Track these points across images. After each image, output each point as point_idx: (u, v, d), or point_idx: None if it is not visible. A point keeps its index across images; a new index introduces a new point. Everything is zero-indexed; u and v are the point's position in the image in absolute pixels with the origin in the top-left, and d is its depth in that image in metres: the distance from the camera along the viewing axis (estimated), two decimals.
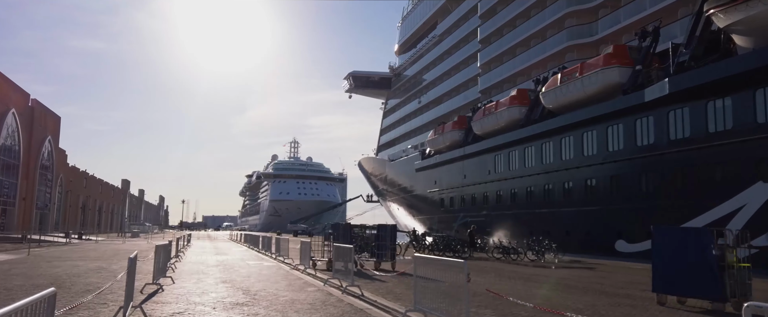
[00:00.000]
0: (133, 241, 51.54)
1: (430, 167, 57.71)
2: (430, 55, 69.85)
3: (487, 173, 45.77)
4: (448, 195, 53.60)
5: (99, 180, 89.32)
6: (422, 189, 60.48)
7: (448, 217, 53.66)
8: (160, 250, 14.33)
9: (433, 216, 57.97)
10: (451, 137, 51.95)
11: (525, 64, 46.16)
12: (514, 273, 19.12)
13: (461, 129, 51.23)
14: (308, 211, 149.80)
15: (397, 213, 75.77)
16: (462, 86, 60.32)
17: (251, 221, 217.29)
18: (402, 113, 79.21)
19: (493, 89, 52.02)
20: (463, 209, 50.39)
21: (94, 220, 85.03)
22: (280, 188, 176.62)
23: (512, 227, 40.68)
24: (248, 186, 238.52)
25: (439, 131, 54.79)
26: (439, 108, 65.76)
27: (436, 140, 55.29)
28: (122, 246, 38.41)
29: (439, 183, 55.75)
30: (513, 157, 42.06)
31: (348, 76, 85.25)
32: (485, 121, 44.95)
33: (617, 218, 30.40)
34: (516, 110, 41.13)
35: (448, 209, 53.74)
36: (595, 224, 32.23)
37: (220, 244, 46.05)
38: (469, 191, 48.93)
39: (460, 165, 50.46)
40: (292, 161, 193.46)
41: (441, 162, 54.48)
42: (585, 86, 32.39)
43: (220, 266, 20.55)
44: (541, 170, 37.97)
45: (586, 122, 32.75)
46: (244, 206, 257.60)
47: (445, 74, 64.82)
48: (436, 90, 66.87)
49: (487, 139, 45.62)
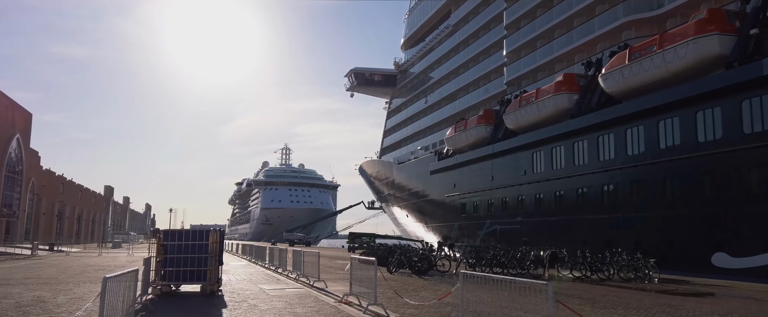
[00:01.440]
0: (112, 253, 44.73)
1: (448, 168, 51.48)
2: (442, 48, 63.80)
3: (522, 174, 39.61)
4: (471, 200, 47.37)
5: (78, 186, 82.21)
6: (438, 194, 54.22)
7: (471, 225, 47.41)
8: (129, 280, 7.99)
9: (451, 224, 51.67)
10: (476, 133, 45.77)
11: (566, 48, 40.13)
12: (642, 304, 12.83)
13: (488, 124, 45.09)
14: (301, 219, 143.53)
15: (404, 221, 69.40)
16: (482, 79, 54.26)
17: (241, 230, 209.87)
18: (409, 112, 73.02)
19: (524, 78, 45.96)
20: (490, 215, 44.19)
21: (73, 229, 77.85)
22: (272, 196, 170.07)
23: (556, 236, 34.54)
24: (238, 194, 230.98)
25: (460, 127, 48.61)
26: (454, 104, 59.64)
27: (456, 138, 49.10)
28: (95, 261, 31.74)
29: (459, 186, 49.51)
30: (558, 154, 35.93)
31: (349, 73, 79.02)
32: (522, 113, 38.83)
33: (715, 225, 24.28)
34: (564, 98, 35.03)
35: (470, 215, 47.48)
36: (680, 233, 26.03)
37: None
38: (498, 194, 42.73)
39: (487, 165, 44.28)
40: (284, 167, 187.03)
41: (462, 163, 48.27)
42: (669, 62, 26.31)
43: (227, 295, 14.05)
44: (598, 167, 31.84)
45: (666, 106, 26.67)
46: (234, 214, 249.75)
47: (461, 67, 58.75)
48: (451, 85, 60.76)
49: (523, 134, 39.53)
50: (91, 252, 43.84)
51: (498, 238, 42.44)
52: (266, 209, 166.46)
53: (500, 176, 42.59)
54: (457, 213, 50.23)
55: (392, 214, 77.06)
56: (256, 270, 24.03)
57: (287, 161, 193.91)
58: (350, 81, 79.57)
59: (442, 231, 55.48)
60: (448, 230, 53.30)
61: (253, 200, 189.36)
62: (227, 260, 33.23)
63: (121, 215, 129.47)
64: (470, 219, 47.69)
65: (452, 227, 51.48)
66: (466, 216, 48.43)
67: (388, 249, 28.11)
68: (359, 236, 55.43)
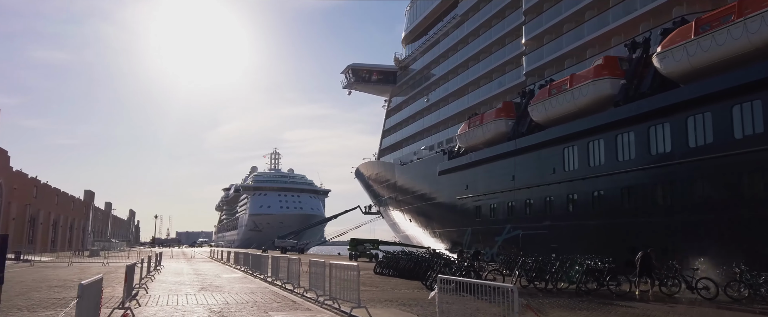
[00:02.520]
0: (85, 263, 39.56)
1: (460, 168, 46.94)
2: (449, 40, 59.37)
3: (551, 172, 35.15)
4: (488, 202, 42.84)
5: (55, 190, 76.49)
6: (448, 196, 49.65)
7: (487, 230, 42.87)
8: None
9: (462, 229, 47.12)
10: (495, 128, 41.26)
11: (601, 30, 35.74)
12: None
13: (508, 118, 40.62)
14: (291, 225, 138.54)
15: (406, 226, 64.74)
16: (496, 71, 49.85)
17: (228, 236, 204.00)
18: (411, 110, 68.48)
19: (548, 67, 41.57)
20: (510, 219, 39.68)
21: (48, 236, 72.17)
22: (261, 202, 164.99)
23: (594, 242, 30.13)
24: (225, 200, 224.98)
25: (475, 122, 44.10)
26: (463, 100, 55.18)
27: (470, 134, 44.56)
28: (58, 273, 26.68)
29: (472, 188, 44.97)
30: (596, 148, 31.50)
31: (346, 69, 74.32)
32: (553, 103, 34.38)
33: None
34: (605, 84, 30.59)
35: (487, 219, 42.94)
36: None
37: (201, 267, 34.53)
38: (521, 196, 38.23)
39: (508, 163, 39.81)
40: (273, 172, 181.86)
41: (478, 161, 43.75)
42: (752, 33, 21.94)
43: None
44: (650, 162, 27.43)
45: (746, 87, 22.33)
46: (221, 221, 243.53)
47: (470, 60, 54.31)
48: (459, 79, 56.30)
49: (553, 127, 35.11)
50: (61, 262, 38.63)
51: (520, 245, 37.95)
52: (255, 215, 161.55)
53: (523, 176, 38.11)
54: (470, 217, 45.69)
55: (391, 219, 72.39)
56: (257, 285, 19.20)
57: (276, 166, 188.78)
58: (348, 78, 74.87)
59: (450, 237, 50.92)
60: (458, 236, 48.73)
61: (241, 206, 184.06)
62: (217, 271, 28.33)
63: (102, 222, 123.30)
64: (486, 224, 43.16)
65: (464, 232, 46.91)
66: (482, 220, 43.90)
67: (414, 259, 23.46)
68: (362, 243, 50.71)
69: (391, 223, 73.33)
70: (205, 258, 53.29)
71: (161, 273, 26.31)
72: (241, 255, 33.42)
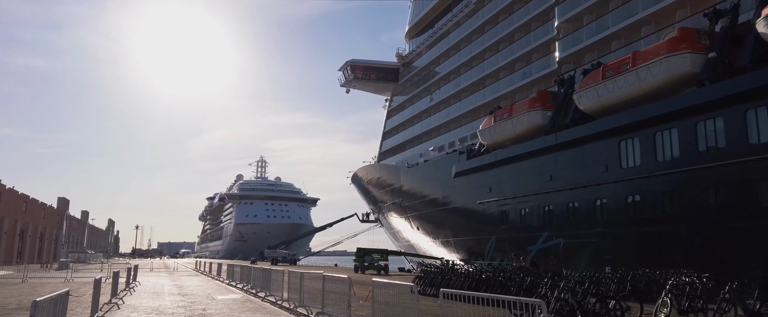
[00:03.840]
0: (46, 279, 33.19)
1: (482, 168, 41.37)
2: (461, 30, 53.99)
3: (602, 170, 29.72)
4: (517, 207, 37.31)
5: (23, 196, 69.63)
6: (465, 200, 44.06)
7: (516, 238, 37.32)
8: None
9: (484, 237, 41.51)
10: (528, 121, 35.77)
11: (660, 4, 30.43)
12: None
13: (545, 109, 35.18)
14: (279, 235, 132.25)
15: (410, 235, 59.00)
16: (520, 61, 44.49)
17: (212, 247, 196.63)
18: (416, 108, 62.97)
19: (588, 52, 36.21)
20: (548, 225, 34.17)
21: (13, 246, 65.29)
22: (247, 211, 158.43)
23: (665, 253, 24.74)
24: (209, 209, 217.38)
25: (502, 115, 38.60)
26: (479, 95, 49.77)
27: (495, 130, 39.05)
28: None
29: (498, 190, 39.42)
30: (665, 140, 26.11)
31: (345, 65, 68.64)
32: (608, 88, 28.92)
33: None
34: (683, 61, 25.22)
35: (516, 226, 37.40)
36: None
37: (187, 283, 28.45)
38: (563, 198, 32.67)
39: (545, 161, 34.34)
40: (260, 180, 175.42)
41: (506, 159, 38.21)
42: None
43: None
44: (749, 152, 22.07)
45: None
46: (204, 231, 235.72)
47: (488, 50, 48.96)
48: (474, 72, 50.91)
49: (605, 117, 29.74)
50: (14, 278, 32.19)
51: (561, 255, 32.45)
52: (240, 225, 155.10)
53: (565, 175, 32.61)
54: (493, 224, 40.11)
55: (392, 227, 66.66)
56: (265, 310, 13.30)
57: (263, 174, 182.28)
58: (346, 75, 69.17)
59: (467, 247, 45.35)
60: (478, 246, 43.14)
61: (226, 216, 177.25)
62: (209, 289, 21.91)
63: (78, 232, 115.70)
64: (515, 231, 37.61)
65: (486, 241, 41.27)
66: (509, 227, 38.35)
67: (480, 274, 17.73)
68: (369, 253, 44.87)
69: (392, 232, 67.56)
70: (190, 271, 47.03)
71: (135, 294, 20.28)
72: (237, 268, 27.42)
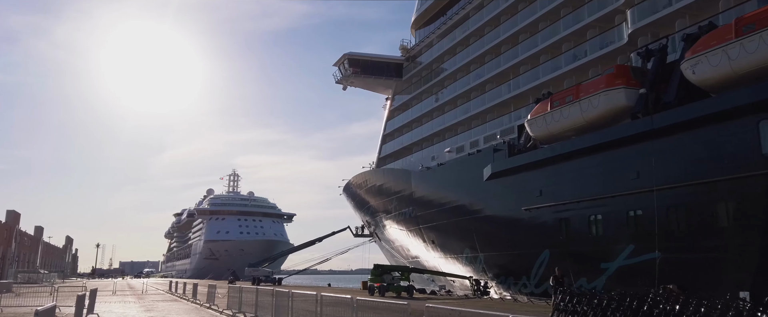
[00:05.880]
0: None
1: (528, 167, 33.83)
2: (485, 12, 46.72)
3: (721, 161, 22.49)
4: (583, 213, 29.82)
5: None
6: (504, 207, 36.43)
7: (582, 253, 29.84)
8: None
9: (532, 252, 33.94)
10: (607, 102, 28.20)
11: None
12: None
13: (629, 86, 27.85)
14: (253, 253, 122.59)
15: (420, 251, 50.93)
16: (567, 40, 37.36)
17: (179, 266, 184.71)
18: (425, 106, 55.41)
19: (678, 17, 29.06)
20: (633, 236, 26.77)
21: None
22: (218, 227, 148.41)
23: None
24: (177, 226, 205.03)
25: (563, 99, 31.16)
26: (510, 85, 42.50)
27: (555, 117, 31.44)
28: None
29: (552, 193, 31.86)
30: None
31: (342, 58, 60.75)
32: (748, 47, 21.75)
33: None
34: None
35: (582, 237, 29.92)
36: None
37: (166, 313, 19.94)
38: (659, 200, 25.20)
39: (628, 153, 27.03)
40: (232, 195, 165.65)
41: (566, 154, 30.75)
42: None
43: None
44: None
45: None
46: (170, 249, 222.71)
47: (522, 31, 41.83)
48: (504, 59, 43.64)
49: (732, 91, 22.61)
50: None
51: (657, 274, 24.99)
52: (211, 242, 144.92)
53: (662, 170, 25.23)
54: (547, 235, 32.54)
55: (392, 242, 58.62)
56: None
57: (235, 188, 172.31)
58: (343, 70, 61.26)
59: (503, 263, 37.72)
60: (521, 262, 35.51)
61: (195, 232, 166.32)
62: None
63: (31, 249, 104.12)
64: (580, 244, 30.09)
65: (534, 257, 33.60)
66: (569, 239, 30.82)
67: None
68: (388, 271, 36.75)
69: (392, 247, 59.41)
70: (163, 295, 38.12)
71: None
72: (240, 290, 19.10)
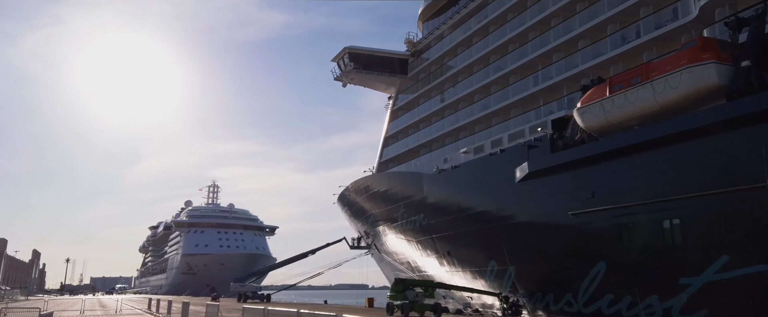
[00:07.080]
0: None
1: (576, 164, 28.92)
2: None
3: None
4: (653, 217, 24.98)
5: None
6: (543, 211, 31.48)
7: (650, 264, 24.94)
8: None
9: (571, 265, 29.02)
10: (691, 81, 23.24)
11: None
12: None
13: (720, 61, 23.06)
14: (233, 267, 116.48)
15: (428, 263, 45.58)
16: (614, 21, 32.77)
17: (154, 281, 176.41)
18: (432, 105, 50.61)
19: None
20: (724, 244, 21.97)
21: None
22: (196, 240, 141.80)
23: None
24: (152, 239, 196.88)
25: (630, 80, 26.23)
26: (541, 74, 37.84)
27: (619, 102, 26.33)
28: None
29: (609, 194, 27.01)
30: None
31: (341, 53, 55.69)
32: None
33: None
34: None
35: (651, 246, 25.05)
36: None
37: None
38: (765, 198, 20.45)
39: (717, 144, 22.30)
40: (212, 207, 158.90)
41: (630, 147, 25.88)
42: None
43: None
44: None
45: None
46: (145, 263, 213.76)
47: (555, 15, 37.30)
48: (531, 46, 39.03)
49: None
50: None
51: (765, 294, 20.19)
52: (189, 256, 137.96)
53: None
54: (601, 244, 27.66)
55: (393, 254, 53.28)
56: None
57: (215, 200, 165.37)
58: (342, 66, 56.16)
59: (540, 277, 32.69)
60: (562, 276, 30.55)
61: (172, 246, 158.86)
62: None
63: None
64: (649, 254, 25.19)
65: (587, 269, 28.55)
66: (632, 248, 25.96)
67: None
68: (411, 286, 31.39)
69: (394, 259, 54.00)
70: (140, 314, 32.20)
71: None
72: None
